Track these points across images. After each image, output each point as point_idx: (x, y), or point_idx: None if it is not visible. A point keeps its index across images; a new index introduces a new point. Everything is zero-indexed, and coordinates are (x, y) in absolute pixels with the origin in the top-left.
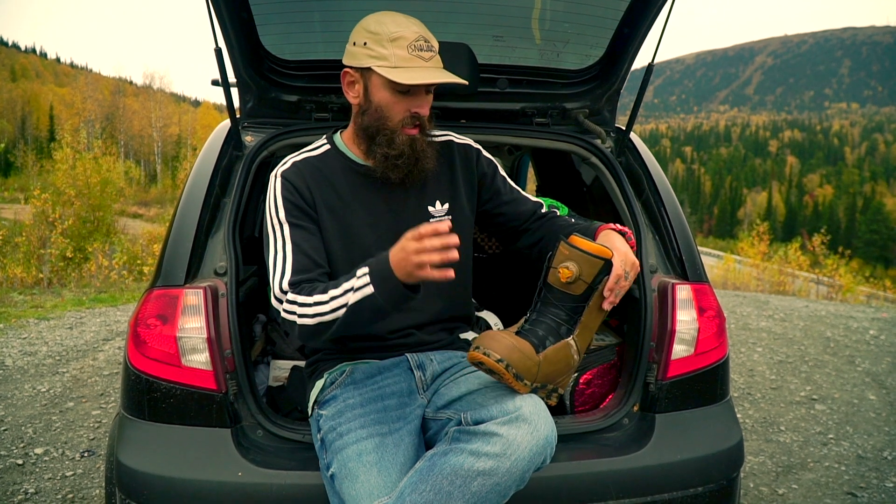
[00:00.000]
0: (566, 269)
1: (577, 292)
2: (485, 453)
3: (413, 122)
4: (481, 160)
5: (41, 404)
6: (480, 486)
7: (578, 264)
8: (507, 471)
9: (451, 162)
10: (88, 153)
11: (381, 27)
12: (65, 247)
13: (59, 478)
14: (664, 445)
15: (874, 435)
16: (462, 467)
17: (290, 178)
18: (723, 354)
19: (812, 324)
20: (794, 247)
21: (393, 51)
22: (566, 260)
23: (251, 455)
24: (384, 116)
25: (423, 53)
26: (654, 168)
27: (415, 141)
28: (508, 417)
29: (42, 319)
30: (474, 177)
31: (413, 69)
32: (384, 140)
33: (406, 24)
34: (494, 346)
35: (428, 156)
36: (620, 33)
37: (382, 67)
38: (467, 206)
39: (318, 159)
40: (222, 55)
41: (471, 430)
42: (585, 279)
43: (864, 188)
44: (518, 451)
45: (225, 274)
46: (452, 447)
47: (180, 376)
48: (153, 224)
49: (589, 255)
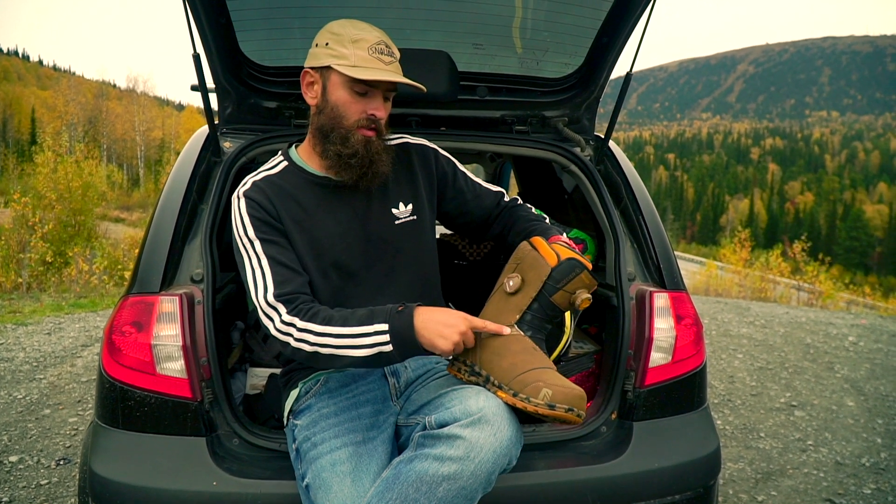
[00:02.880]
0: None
1: (562, 304)
2: (448, 457)
3: (369, 125)
4: (440, 160)
5: (17, 411)
6: (446, 491)
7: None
8: (472, 473)
9: (408, 163)
10: (70, 156)
11: (343, 29)
12: (45, 251)
13: (33, 486)
14: (642, 453)
15: (852, 441)
16: (427, 473)
17: (253, 197)
18: (700, 362)
19: (792, 330)
20: (775, 253)
21: (354, 51)
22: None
23: (226, 464)
24: (340, 115)
25: (382, 57)
26: (633, 176)
27: (370, 142)
28: (471, 419)
29: (20, 325)
30: (433, 177)
31: (372, 69)
32: (338, 138)
33: (369, 30)
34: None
35: (383, 160)
36: (599, 42)
37: (342, 66)
38: (428, 206)
39: (278, 176)
40: (200, 60)
41: (434, 434)
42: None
43: (844, 195)
44: (481, 454)
45: (201, 281)
46: (417, 453)
47: (155, 384)
48: (135, 228)
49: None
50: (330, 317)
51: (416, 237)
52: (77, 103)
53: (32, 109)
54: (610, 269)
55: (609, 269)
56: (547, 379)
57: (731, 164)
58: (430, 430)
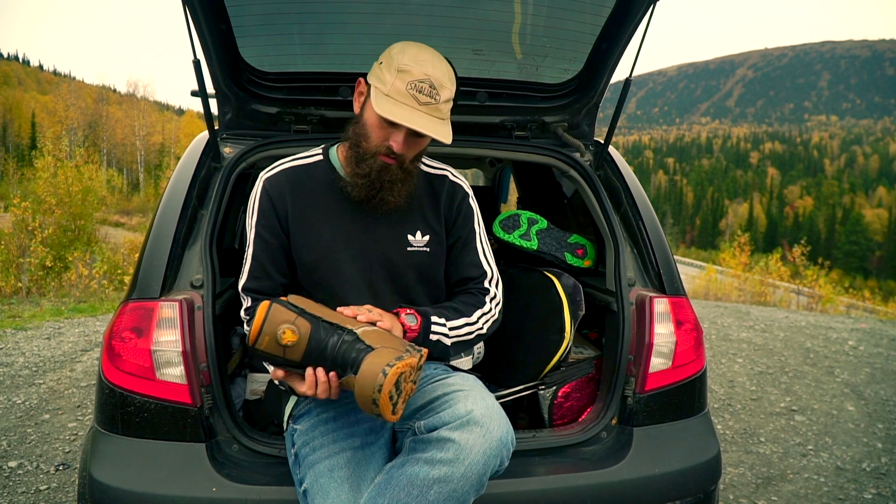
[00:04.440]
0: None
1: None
2: (439, 460)
3: (388, 153)
4: (465, 202)
5: (16, 416)
6: (437, 494)
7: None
8: (462, 476)
9: (438, 195)
10: (70, 161)
11: (399, 55)
12: (44, 256)
13: (32, 491)
14: (642, 459)
15: (853, 446)
16: (418, 477)
17: (269, 189)
18: (700, 367)
19: (792, 334)
20: (774, 257)
21: (393, 81)
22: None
23: (226, 470)
24: (366, 134)
25: (419, 96)
26: (633, 182)
27: (386, 170)
28: (460, 422)
29: (19, 329)
30: (452, 213)
31: (400, 105)
32: (355, 155)
33: (424, 62)
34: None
35: (395, 190)
36: (598, 48)
37: (377, 91)
38: (445, 240)
39: (306, 169)
40: (201, 66)
41: (425, 438)
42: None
43: (843, 199)
44: (471, 456)
45: (201, 286)
46: (409, 458)
47: (155, 390)
48: (135, 233)
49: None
50: None
51: (424, 268)
52: (77, 108)
53: (32, 114)
54: (610, 274)
55: (609, 275)
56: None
57: (730, 168)
58: (420, 434)
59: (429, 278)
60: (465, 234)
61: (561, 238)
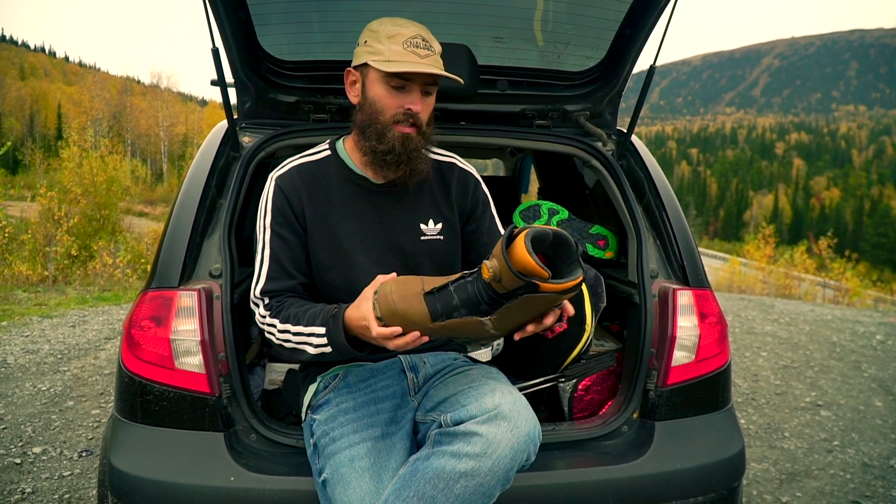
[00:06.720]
0: (486, 267)
1: (499, 291)
2: (465, 454)
3: (406, 119)
4: (479, 191)
5: (41, 403)
6: (464, 487)
7: (501, 270)
8: (490, 470)
9: (448, 183)
10: (95, 151)
11: (380, 26)
12: (70, 245)
13: (56, 477)
14: (664, 454)
15: (880, 442)
16: (444, 470)
17: (283, 186)
18: (724, 361)
19: (818, 328)
20: (800, 250)
21: (388, 46)
22: (493, 258)
23: (244, 459)
24: (377, 111)
25: (418, 50)
26: (656, 171)
27: (408, 139)
28: (487, 416)
29: (45, 317)
30: (467, 203)
31: (405, 63)
32: (374, 134)
33: (406, 25)
34: (384, 306)
35: (422, 157)
36: (622, 35)
37: (376, 61)
38: (458, 228)
39: (316, 165)
40: (220, 55)
41: (451, 431)
42: (506, 286)
43: (871, 191)
44: (499, 450)
45: (220, 276)
46: (434, 450)
47: (173, 379)
48: (159, 223)
49: (511, 271)
50: (289, 315)
51: (439, 257)
52: (102, 99)
53: (59, 105)
54: (632, 265)
55: (631, 266)
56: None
57: (755, 159)
58: (446, 427)
59: (444, 266)
60: (486, 221)
61: (582, 229)
